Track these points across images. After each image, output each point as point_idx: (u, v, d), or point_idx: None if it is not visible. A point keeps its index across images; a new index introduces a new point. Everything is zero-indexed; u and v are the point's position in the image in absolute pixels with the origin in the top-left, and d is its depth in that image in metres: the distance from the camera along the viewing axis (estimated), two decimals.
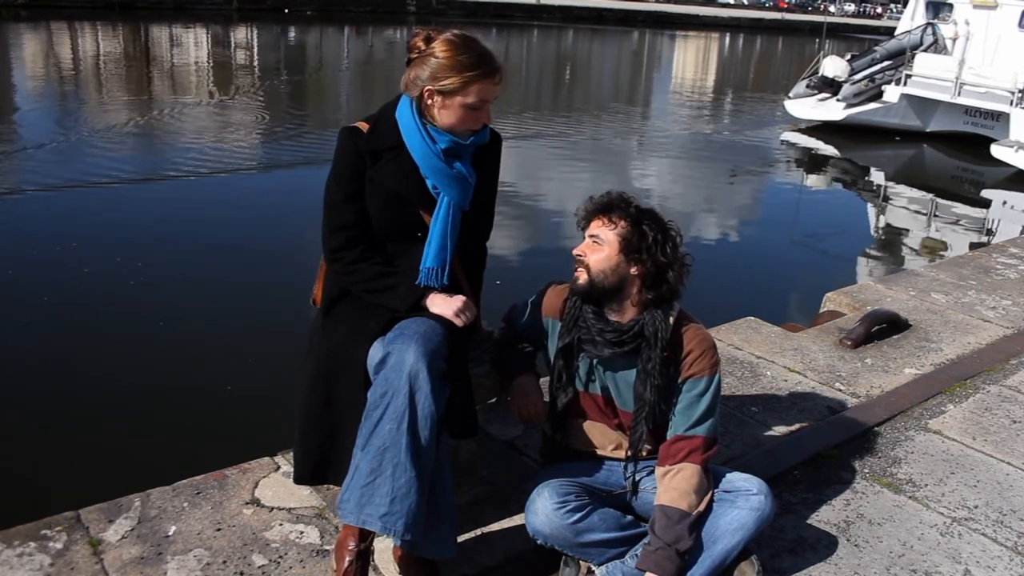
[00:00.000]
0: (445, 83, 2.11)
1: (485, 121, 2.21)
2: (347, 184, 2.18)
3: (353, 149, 2.18)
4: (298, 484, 2.30)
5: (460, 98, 2.12)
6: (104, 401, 4.80)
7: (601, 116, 18.86)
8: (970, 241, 10.25)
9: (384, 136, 2.18)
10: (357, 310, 2.19)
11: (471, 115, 2.17)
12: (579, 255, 2.23)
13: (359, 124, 2.22)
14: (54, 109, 14.67)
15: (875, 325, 4.06)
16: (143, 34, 29.26)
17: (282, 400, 2.64)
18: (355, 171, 2.18)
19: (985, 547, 2.52)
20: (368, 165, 2.17)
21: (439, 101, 2.14)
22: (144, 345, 5.49)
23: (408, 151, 2.17)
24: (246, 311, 6.18)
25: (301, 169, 11.04)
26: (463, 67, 2.10)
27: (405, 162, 2.18)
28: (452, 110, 2.14)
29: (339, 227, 2.19)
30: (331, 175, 2.22)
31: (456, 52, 2.10)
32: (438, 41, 2.12)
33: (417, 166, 2.18)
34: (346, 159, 2.19)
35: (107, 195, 9.14)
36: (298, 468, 2.21)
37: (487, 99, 2.16)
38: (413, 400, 1.95)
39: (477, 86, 2.12)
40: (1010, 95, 14.51)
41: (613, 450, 2.35)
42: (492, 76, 2.14)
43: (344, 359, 2.13)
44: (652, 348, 2.18)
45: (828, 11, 70.45)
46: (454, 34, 2.15)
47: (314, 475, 2.21)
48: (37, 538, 2.23)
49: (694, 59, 39.15)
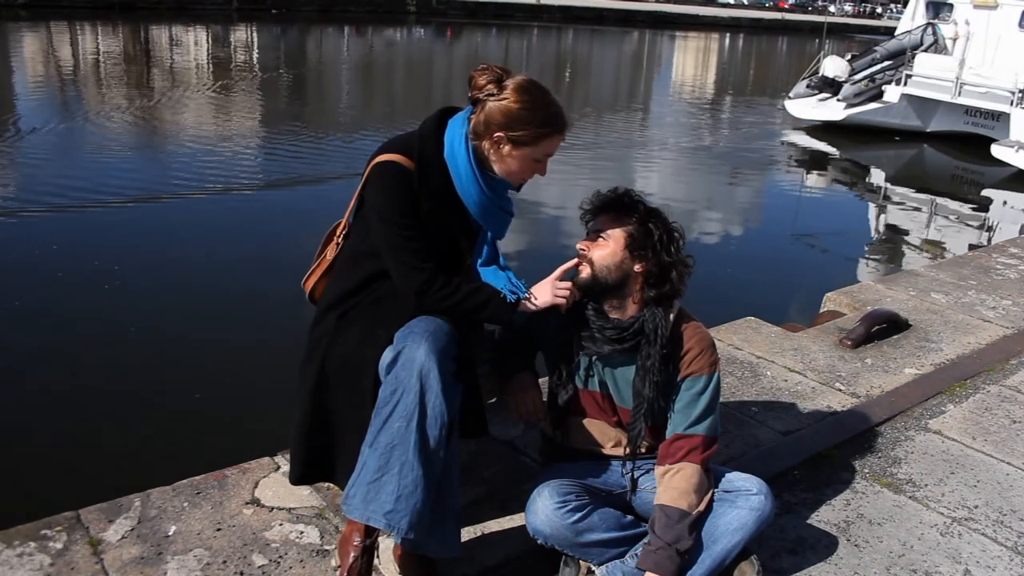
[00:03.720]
0: (519, 134, 2.10)
1: (541, 173, 2.22)
2: (413, 219, 2.11)
3: (408, 189, 2.12)
4: (296, 485, 2.28)
5: (530, 150, 2.13)
6: (104, 401, 4.80)
7: (601, 117, 18.86)
8: (970, 241, 10.25)
9: (432, 178, 2.15)
10: (370, 316, 2.17)
11: (533, 167, 2.18)
12: (582, 249, 2.23)
13: (401, 160, 2.13)
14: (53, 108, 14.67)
15: (875, 325, 4.06)
16: (143, 34, 29.27)
17: (282, 400, 2.63)
18: (414, 207, 2.12)
19: (985, 547, 2.52)
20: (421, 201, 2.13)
21: (507, 149, 2.12)
22: (144, 345, 5.49)
23: (455, 188, 2.17)
24: (246, 311, 6.18)
25: (300, 169, 11.05)
26: (539, 122, 2.10)
27: (454, 201, 2.18)
28: (518, 160, 2.14)
29: (426, 259, 2.10)
30: (393, 211, 2.10)
31: (533, 105, 2.10)
32: (512, 88, 2.10)
33: (462, 201, 2.18)
34: (403, 197, 2.11)
35: (106, 193, 9.13)
36: (297, 469, 2.19)
37: (550, 154, 2.18)
38: (423, 399, 1.95)
39: (549, 141, 2.14)
40: (1010, 95, 14.50)
41: (612, 447, 2.35)
42: (563, 132, 2.16)
43: (355, 364, 2.12)
44: (652, 345, 2.18)
45: (829, 11, 70.45)
46: (529, 82, 2.13)
47: (314, 478, 2.21)
48: (37, 538, 2.23)
49: (694, 59, 39.15)
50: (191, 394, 4.87)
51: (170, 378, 5.07)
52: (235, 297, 6.52)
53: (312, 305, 2.37)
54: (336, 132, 14.12)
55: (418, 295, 2.10)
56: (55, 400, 4.75)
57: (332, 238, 2.35)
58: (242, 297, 6.49)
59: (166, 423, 4.57)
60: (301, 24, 36.75)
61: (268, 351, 5.32)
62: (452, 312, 2.12)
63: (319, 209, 8.79)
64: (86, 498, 2.42)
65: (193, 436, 4.43)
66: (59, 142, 11.82)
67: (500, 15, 47.98)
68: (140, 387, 4.93)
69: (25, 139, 11.84)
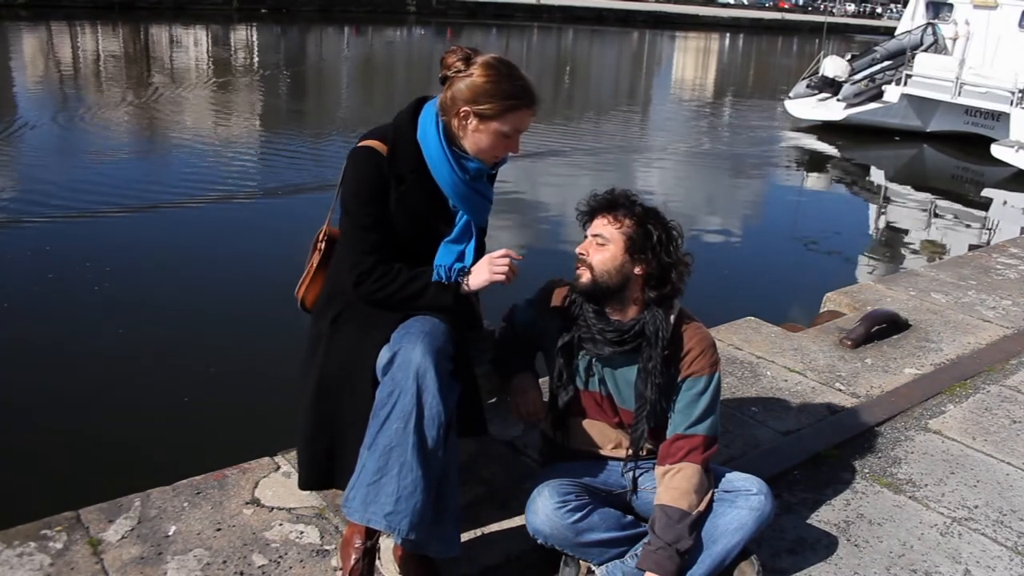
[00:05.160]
0: (484, 107, 2.09)
1: (514, 150, 2.20)
2: (375, 207, 2.12)
3: (377, 174, 2.12)
4: (304, 490, 2.29)
5: (497, 124, 2.11)
6: (104, 401, 4.80)
7: (601, 117, 18.85)
8: (970, 241, 10.25)
9: (406, 160, 2.14)
10: (363, 316, 2.18)
11: (503, 143, 2.16)
12: (582, 254, 2.21)
13: (375, 144, 2.15)
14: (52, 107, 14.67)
15: (875, 325, 4.06)
16: (143, 34, 29.26)
17: (282, 400, 2.64)
18: (380, 194, 2.13)
19: (985, 547, 2.52)
20: (392, 187, 2.13)
21: (474, 124, 2.12)
22: (143, 346, 5.48)
23: (431, 173, 2.16)
24: (246, 311, 6.17)
25: (300, 173, 11.05)
26: (505, 95, 2.09)
27: (428, 184, 2.16)
28: (485, 135, 2.13)
29: (368, 251, 2.12)
30: (353, 198, 2.13)
31: (499, 79, 2.10)
32: (479, 64, 2.10)
33: (439, 186, 2.17)
34: (370, 183, 2.12)
35: (104, 195, 9.13)
36: (304, 475, 2.20)
37: (521, 129, 2.16)
38: (420, 399, 1.95)
39: (516, 115, 2.12)
40: (1010, 95, 14.51)
41: (613, 449, 2.34)
42: (531, 107, 2.14)
43: (352, 366, 2.12)
44: (653, 348, 2.18)
45: (829, 11, 70.45)
46: (495, 59, 2.14)
47: (321, 482, 2.21)
48: (37, 538, 2.23)
49: (694, 60, 39.14)
50: (191, 394, 4.87)
51: (170, 378, 5.06)
52: (235, 297, 6.52)
53: (306, 313, 2.38)
54: (336, 132, 14.11)
55: (355, 286, 2.13)
56: (55, 400, 4.75)
57: (316, 244, 2.38)
58: (242, 297, 6.49)
59: (166, 423, 4.57)
60: (301, 24, 36.75)
61: (268, 351, 5.31)
62: (389, 302, 2.13)
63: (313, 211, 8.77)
64: (86, 498, 2.42)
65: (193, 436, 4.43)
66: (55, 142, 11.82)
67: (500, 15, 47.96)
68: (140, 387, 4.93)
69: (22, 138, 11.84)
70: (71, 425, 4.50)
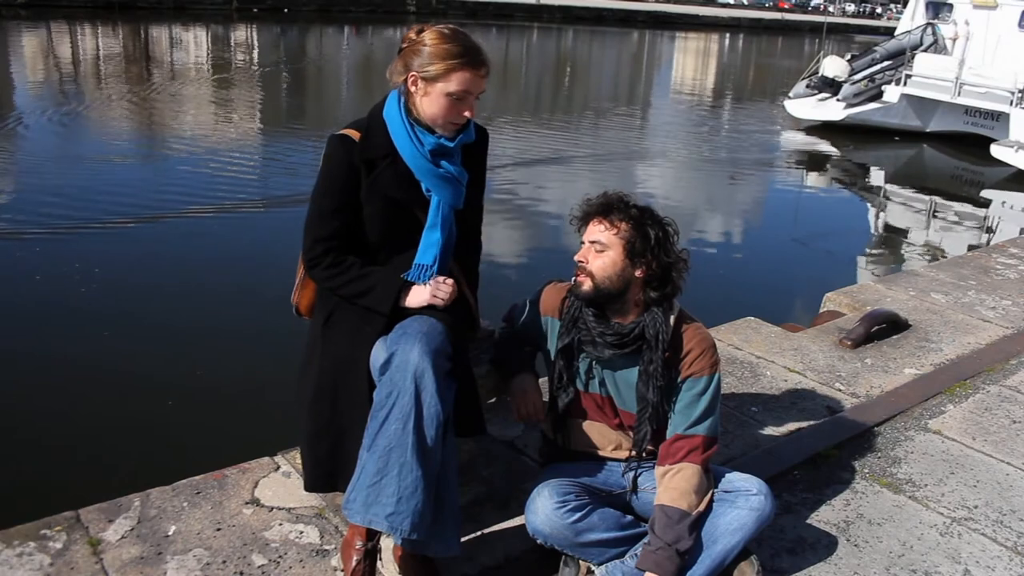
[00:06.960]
0: (429, 69, 2.09)
1: (468, 115, 2.17)
2: (337, 196, 2.15)
3: (346, 161, 2.14)
4: (309, 492, 2.30)
5: (442, 85, 2.10)
6: (104, 401, 4.80)
7: (600, 117, 18.85)
8: (970, 241, 10.25)
9: (377, 144, 2.16)
10: (355, 315, 2.18)
11: (454, 106, 2.13)
12: (581, 262, 2.20)
13: (349, 132, 2.18)
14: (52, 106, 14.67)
15: (875, 325, 4.06)
16: (143, 34, 29.25)
17: (282, 400, 2.64)
18: (346, 183, 2.14)
19: (985, 547, 2.52)
20: (363, 175, 2.14)
21: (422, 88, 2.12)
22: (144, 346, 5.49)
23: (401, 157, 2.16)
24: (246, 312, 6.17)
25: (299, 176, 11.04)
26: (448, 55, 2.09)
27: (400, 168, 2.16)
28: (434, 98, 2.12)
29: (322, 238, 2.16)
30: (319, 185, 2.17)
31: (443, 40, 2.10)
32: (428, 31, 2.13)
33: (411, 171, 2.16)
34: (338, 170, 2.15)
35: (105, 194, 9.13)
36: (308, 477, 2.20)
37: (471, 91, 2.14)
38: (419, 400, 1.95)
39: (460, 74, 2.10)
40: (1010, 95, 14.51)
41: (613, 450, 2.34)
42: (477, 67, 2.12)
43: (347, 365, 2.13)
44: (653, 350, 2.17)
45: (828, 11, 70.45)
46: (445, 26, 2.16)
47: (326, 483, 2.21)
48: (37, 538, 2.23)
49: (694, 60, 39.14)
50: (191, 394, 4.87)
51: (170, 378, 5.06)
52: (236, 297, 6.52)
53: (300, 318, 2.39)
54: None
55: (308, 269, 2.21)
56: (55, 400, 4.74)
57: None
58: (243, 297, 6.48)
59: (166, 423, 4.57)
60: (301, 24, 36.74)
61: (268, 351, 5.31)
62: (335, 293, 2.19)
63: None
64: (86, 498, 2.42)
65: (193, 436, 4.43)
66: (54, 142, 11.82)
67: (500, 15, 47.96)
68: (140, 388, 4.93)
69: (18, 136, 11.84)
70: (71, 425, 4.49)
